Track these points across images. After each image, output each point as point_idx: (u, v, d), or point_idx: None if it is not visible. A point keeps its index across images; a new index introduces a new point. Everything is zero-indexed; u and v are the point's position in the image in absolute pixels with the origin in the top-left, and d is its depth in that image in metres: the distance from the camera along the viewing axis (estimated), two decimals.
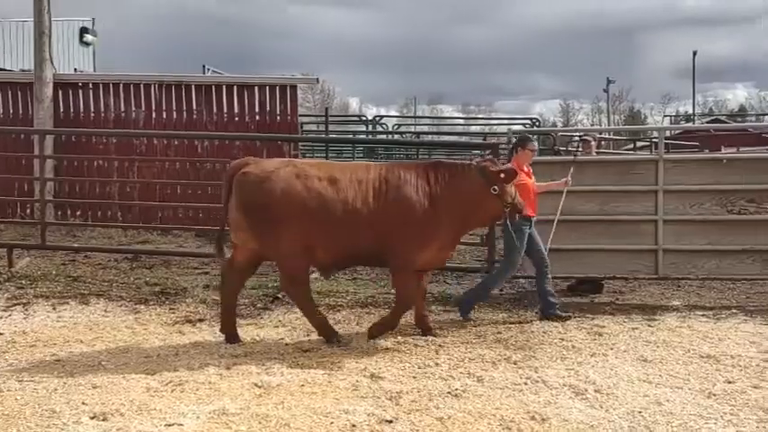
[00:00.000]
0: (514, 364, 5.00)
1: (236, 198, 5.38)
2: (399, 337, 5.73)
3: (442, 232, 5.46)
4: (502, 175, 5.51)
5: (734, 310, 6.73)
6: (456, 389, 4.41)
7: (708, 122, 31.84)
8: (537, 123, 18.01)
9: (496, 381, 4.61)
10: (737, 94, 69.62)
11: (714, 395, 4.33)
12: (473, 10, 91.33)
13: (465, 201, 5.47)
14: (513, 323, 6.15)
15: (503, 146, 7.96)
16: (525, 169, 6.43)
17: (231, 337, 5.59)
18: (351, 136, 17.03)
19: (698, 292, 7.64)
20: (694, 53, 35.42)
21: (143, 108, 12.08)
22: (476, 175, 5.54)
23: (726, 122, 32.77)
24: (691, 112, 37.62)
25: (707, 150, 15.52)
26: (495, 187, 5.50)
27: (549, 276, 6.44)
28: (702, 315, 6.52)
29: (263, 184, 5.29)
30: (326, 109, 15.92)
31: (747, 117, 45.23)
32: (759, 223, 7.13)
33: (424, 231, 5.38)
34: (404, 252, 5.41)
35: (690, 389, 4.45)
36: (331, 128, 15.89)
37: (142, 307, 6.84)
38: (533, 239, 6.45)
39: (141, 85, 12.14)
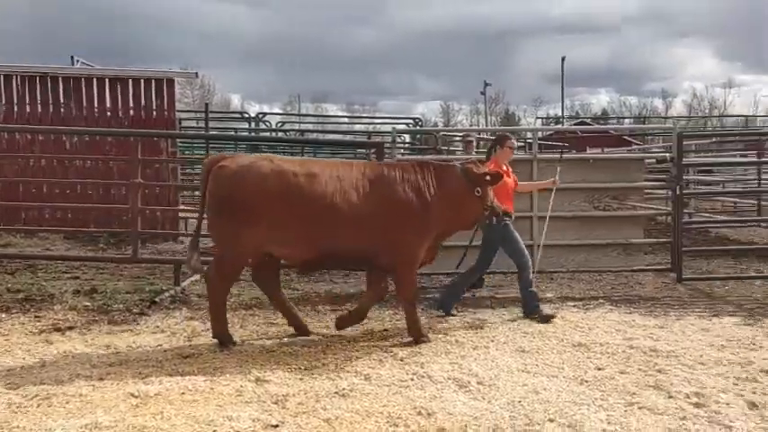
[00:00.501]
0: (401, 360, 5.05)
1: (210, 191, 5.26)
2: (285, 339, 5.64)
3: (431, 230, 5.49)
4: (487, 178, 5.59)
5: (601, 300, 7.19)
6: (343, 388, 4.39)
7: (575, 125, 33.90)
8: (419, 123, 18.40)
9: (383, 378, 4.63)
10: (601, 99, 75.09)
11: (586, 382, 4.58)
12: (357, 10, 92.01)
13: (450, 201, 5.49)
14: (399, 320, 6.22)
15: (387, 145, 8.05)
16: (505, 168, 6.48)
17: (225, 339, 5.39)
18: (233, 133, 16.55)
19: (569, 284, 8.09)
20: (563, 59, 37.54)
21: (3, 101, 11.15)
22: (460, 177, 5.58)
23: (591, 124, 35.09)
24: (560, 114, 39.91)
25: (574, 151, 16.46)
26: (479, 189, 5.57)
27: (531, 274, 6.48)
28: (573, 306, 6.92)
29: (238, 177, 5.17)
30: (206, 105, 15.35)
31: (609, 120, 48.65)
32: (622, 219, 7.71)
33: (420, 227, 5.42)
34: (405, 247, 5.42)
35: (564, 377, 4.69)
36: (212, 124, 15.37)
37: (3, 315, 6.28)
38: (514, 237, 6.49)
39: (1, 76, 11.20)
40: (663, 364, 4.95)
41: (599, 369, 4.85)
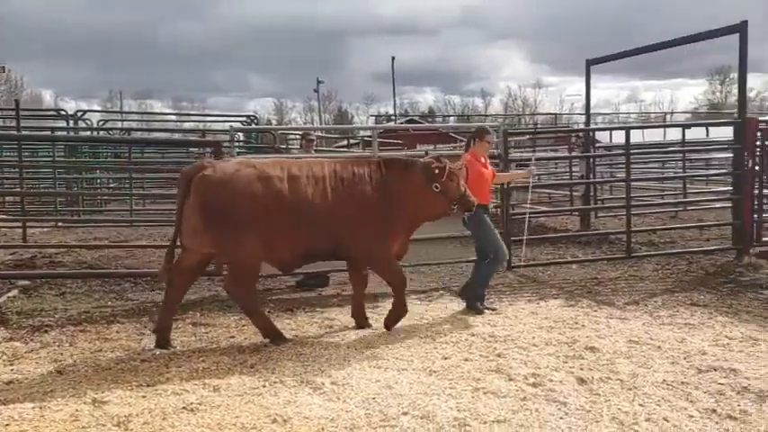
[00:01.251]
0: (251, 367, 4.91)
1: (196, 201, 5.22)
2: (122, 354, 5.25)
3: (396, 224, 5.66)
4: (436, 171, 5.69)
5: (441, 292, 7.52)
6: (191, 403, 4.17)
7: (405, 122, 35.16)
8: (254, 121, 18.02)
9: (234, 387, 4.47)
10: (427, 98, 78.64)
11: (435, 372, 4.75)
12: (182, 4, 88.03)
13: (410, 196, 5.68)
14: (245, 326, 6.04)
15: (226, 143, 7.77)
16: (482, 161, 6.59)
17: (163, 342, 5.41)
18: (49, 133, 15.06)
19: (410, 277, 8.33)
20: (393, 59, 38.68)
21: None
22: (419, 173, 5.74)
23: (420, 122, 36.60)
24: (391, 112, 41.13)
25: (406, 148, 17.03)
26: (437, 185, 5.71)
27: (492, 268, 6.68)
28: (416, 298, 7.15)
29: (226, 185, 5.20)
30: (17, 102, 13.80)
31: (436, 118, 51.11)
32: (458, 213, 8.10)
33: (384, 222, 5.57)
34: (372, 242, 5.58)
35: (414, 369, 4.83)
36: (23, 123, 13.88)
37: None
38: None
39: None
40: (501, 348, 5.28)
41: (445, 358, 5.05)
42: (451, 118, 50.69)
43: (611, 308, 6.60)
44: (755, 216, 8.78)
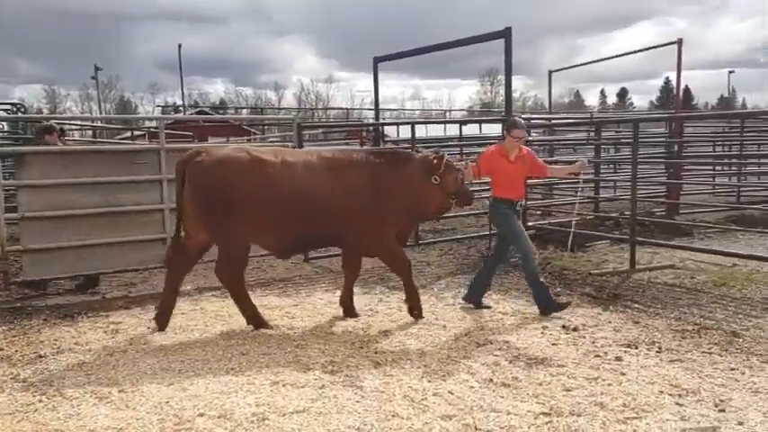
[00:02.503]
0: (24, 382, 4.42)
1: (191, 187, 5.34)
2: None
3: (390, 216, 5.68)
4: (434, 163, 5.71)
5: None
6: None
7: (195, 113, 33.83)
8: (21, 109, 16.10)
9: (2, 405, 4.00)
10: (217, 88, 76.55)
11: (232, 369, 4.65)
12: None
13: (406, 189, 5.71)
14: (15, 336, 5.40)
15: None
16: (510, 156, 6.18)
17: (163, 324, 5.61)
18: None
19: (204, 274, 8.06)
20: (179, 46, 36.92)
21: None
22: (416, 165, 5.80)
23: (210, 113, 35.48)
24: (179, 102, 39.26)
25: (196, 140, 16.38)
26: (436, 177, 5.74)
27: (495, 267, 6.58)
28: (212, 295, 6.94)
29: (216, 170, 5.28)
30: None
31: (228, 110, 49.85)
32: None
33: (378, 213, 5.61)
34: (369, 231, 5.67)
35: (210, 369, 4.68)
36: None
37: None
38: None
39: None
40: (300, 339, 5.33)
41: (243, 354, 4.98)
42: (244, 110, 49.85)
43: (401, 293, 6.97)
44: None
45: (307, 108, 53.95)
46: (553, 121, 15.45)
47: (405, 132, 14.39)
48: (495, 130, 12.43)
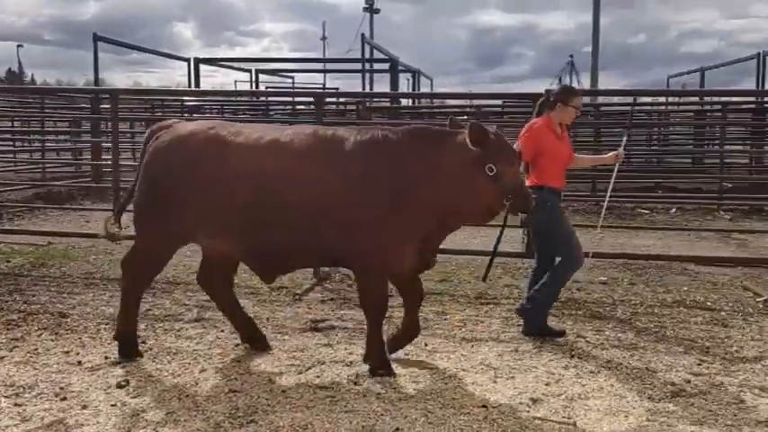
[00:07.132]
0: None
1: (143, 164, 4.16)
2: None
3: (410, 223, 3.79)
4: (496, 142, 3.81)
5: None
6: None
7: None
8: None
9: None
10: None
11: None
12: None
13: (443, 181, 3.79)
14: None
15: None
16: (559, 131, 4.73)
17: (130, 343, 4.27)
18: None
19: None
20: None
21: None
22: (460, 146, 3.76)
23: None
24: None
25: None
26: (492, 166, 3.71)
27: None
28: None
29: (166, 152, 4.01)
30: None
31: None
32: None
33: (390, 218, 3.75)
34: (367, 249, 3.81)
35: None
36: None
37: None
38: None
39: None
40: None
41: None
42: None
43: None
44: None
45: None
46: None
47: None
48: None
